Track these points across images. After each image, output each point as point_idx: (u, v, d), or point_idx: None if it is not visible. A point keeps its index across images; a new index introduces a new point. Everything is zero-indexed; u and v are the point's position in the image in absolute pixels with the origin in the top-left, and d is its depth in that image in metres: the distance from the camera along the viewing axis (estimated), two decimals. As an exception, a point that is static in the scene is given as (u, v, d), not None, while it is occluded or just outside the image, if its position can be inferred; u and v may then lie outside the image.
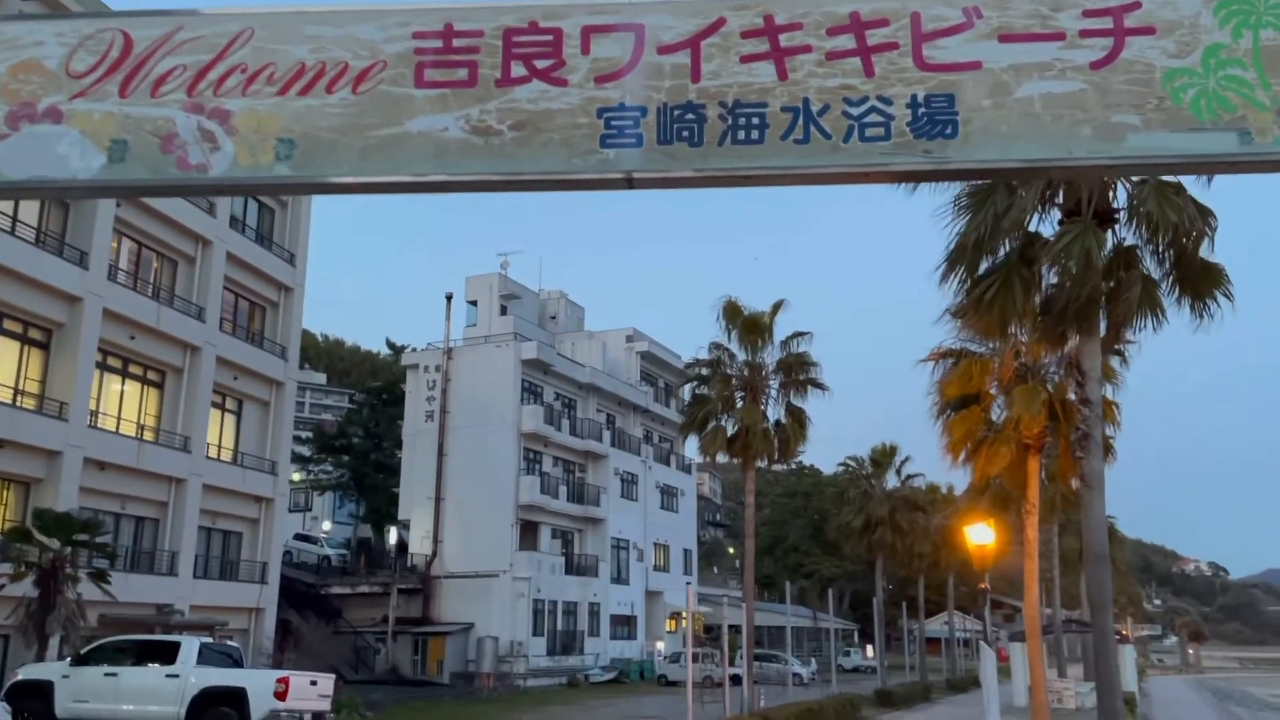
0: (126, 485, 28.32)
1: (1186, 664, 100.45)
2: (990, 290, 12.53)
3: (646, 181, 3.43)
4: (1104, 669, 12.66)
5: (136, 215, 29.14)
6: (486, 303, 51.80)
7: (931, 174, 3.37)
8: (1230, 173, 3.34)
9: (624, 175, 3.42)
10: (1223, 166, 3.29)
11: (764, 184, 3.43)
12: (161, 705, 17.88)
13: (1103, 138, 3.23)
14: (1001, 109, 3.28)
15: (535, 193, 3.60)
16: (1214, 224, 12.25)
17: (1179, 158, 3.22)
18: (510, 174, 3.45)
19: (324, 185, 3.57)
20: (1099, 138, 3.23)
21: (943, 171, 3.31)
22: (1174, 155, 3.21)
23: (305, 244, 36.67)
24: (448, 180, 3.50)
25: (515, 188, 3.53)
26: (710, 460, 30.78)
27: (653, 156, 3.39)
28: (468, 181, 3.50)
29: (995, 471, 21.86)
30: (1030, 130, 3.26)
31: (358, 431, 57.03)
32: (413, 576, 44.47)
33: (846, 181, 3.42)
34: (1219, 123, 3.20)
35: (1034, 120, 3.27)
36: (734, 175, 3.39)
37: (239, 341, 33.24)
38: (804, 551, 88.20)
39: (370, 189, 3.56)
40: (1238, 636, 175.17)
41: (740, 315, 28.43)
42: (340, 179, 3.51)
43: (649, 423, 58.90)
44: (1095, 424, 12.87)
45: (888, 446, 45.87)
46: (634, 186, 3.46)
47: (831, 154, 3.33)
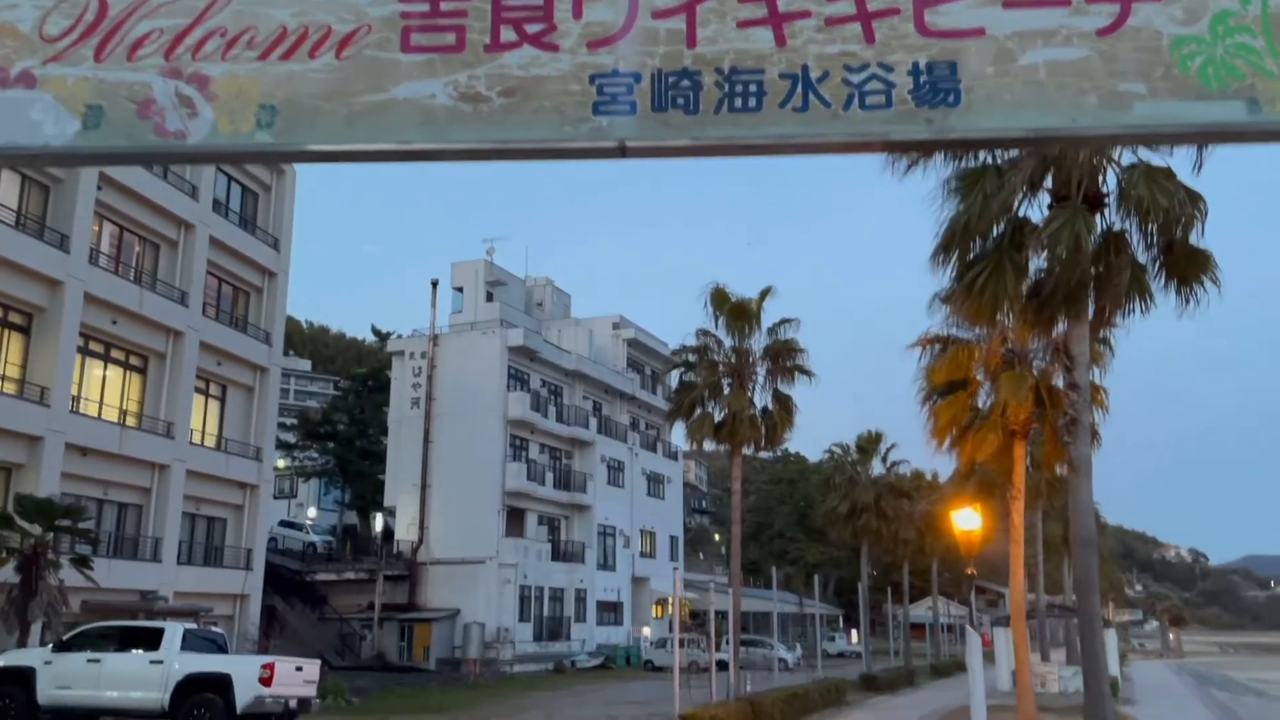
0: (109, 471, 28.09)
1: (1167, 649, 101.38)
2: (982, 275, 12.49)
3: (641, 150, 3.33)
4: (1090, 652, 12.69)
5: (118, 198, 28.83)
6: (472, 289, 51.58)
7: (934, 143, 3.28)
8: (1238, 142, 3.26)
9: (617, 144, 3.31)
10: (1231, 136, 3.21)
11: (762, 153, 3.33)
12: (145, 691, 17.76)
13: (1109, 106, 3.14)
14: (1005, 77, 3.19)
15: (526, 162, 3.49)
16: (1204, 209, 12.23)
17: (1186, 127, 3.14)
18: (500, 142, 3.34)
19: (307, 154, 3.44)
20: (1105, 106, 3.15)
21: (945, 141, 3.22)
22: (1181, 124, 3.13)
23: (289, 228, 36.37)
24: (435, 149, 3.38)
25: (505, 157, 3.42)
26: (697, 447, 30.82)
27: (647, 124, 3.28)
28: (456, 150, 3.39)
29: (982, 457, 21.94)
30: (1034, 98, 3.17)
31: (343, 418, 56.77)
32: (399, 563, 44.39)
33: (846, 151, 3.33)
34: (1227, 91, 3.12)
35: (1038, 88, 3.18)
36: (731, 144, 3.28)
37: (222, 326, 32.97)
38: (789, 538, 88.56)
39: (355, 157, 3.44)
40: (1217, 621, 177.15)
41: (727, 301, 28.38)
42: (323, 147, 3.39)
43: (636, 410, 58.88)
44: (1083, 409, 12.87)
45: (873, 433, 46.06)
46: (628, 155, 3.35)
47: (831, 122, 3.23)
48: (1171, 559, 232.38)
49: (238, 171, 34.39)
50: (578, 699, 30.30)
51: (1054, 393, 20.82)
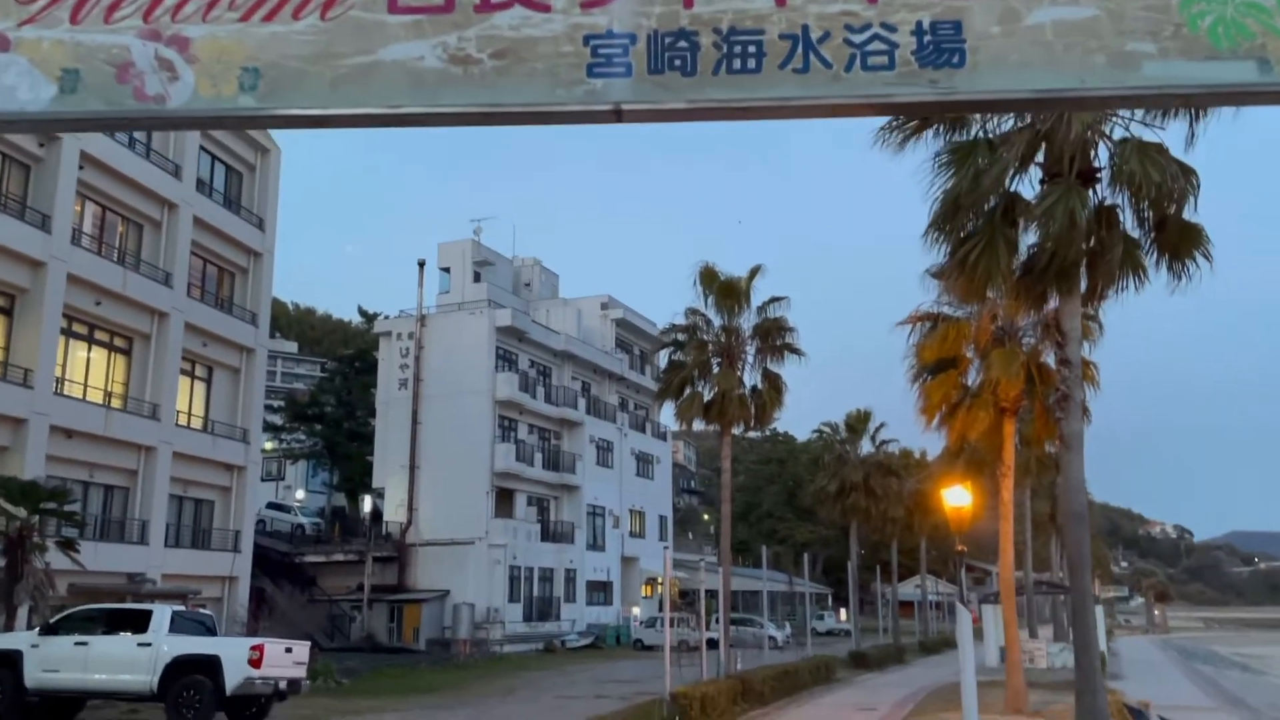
0: (94, 453, 27.89)
1: (1152, 624, 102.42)
2: (974, 251, 12.43)
3: (636, 114, 3.23)
4: (1081, 627, 12.74)
5: (100, 178, 28.50)
6: (460, 270, 51.30)
7: (937, 105, 3.19)
8: (1249, 104, 3.19)
9: (612, 107, 3.22)
10: (1241, 97, 3.14)
11: (761, 116, 3.24)
12: (133, 674, 17.66)
13: (1117, 66, 3.07)
14: (1011, 37, 3.11)
15: (517, 126, 3.39)
16: (1196, 184, 12.19)
17: (1196, 87, 3.07)
18: (491, 106, 3.24)
19: (291, 118, 3.34)
20: (1113, 66, 3.07)
21: (949, 103, 3.13)
22: (1191, 85, 3.06)
23: (274, 209, 36.04)
24: (424, 112, 3.28)
25: (497, 121, 3.32)
26: (686, 427, 30.77)
27: (643, 87, 3.19)
28: (446, 114, 3.29)
29: (974, 435, 21.99)
30: (1041, 59, 3.09)
31: (330, 400, 56.56)
32: (388, 544, 44.34)
33: (848, 114, 3.24)
34: (1237, 51, 3.04)
35: (1045, 49, 3.10)
36: (729, 106, 3.19)
37: (208, 308, 32.70)
38: (778, 517, 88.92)
39: (341, 122, 3.34)
40: (1202, 597, 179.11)
41: (717, 280, 28.26)
42: (308, 111, 3.29)
43: (624, 390, 58.82)
44: (1075, 385, 12.86)
45: (862, 412, 46.14)
46: (623, 120, 3.26)
47: (832, 84, 3.14)
48: (1157, 535, 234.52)
49: (221, 151, 34.04)
50: (568, 678, 30.38)
51: (1044, 370, 20.86)
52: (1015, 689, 21.58)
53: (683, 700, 18.74)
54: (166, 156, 30.90)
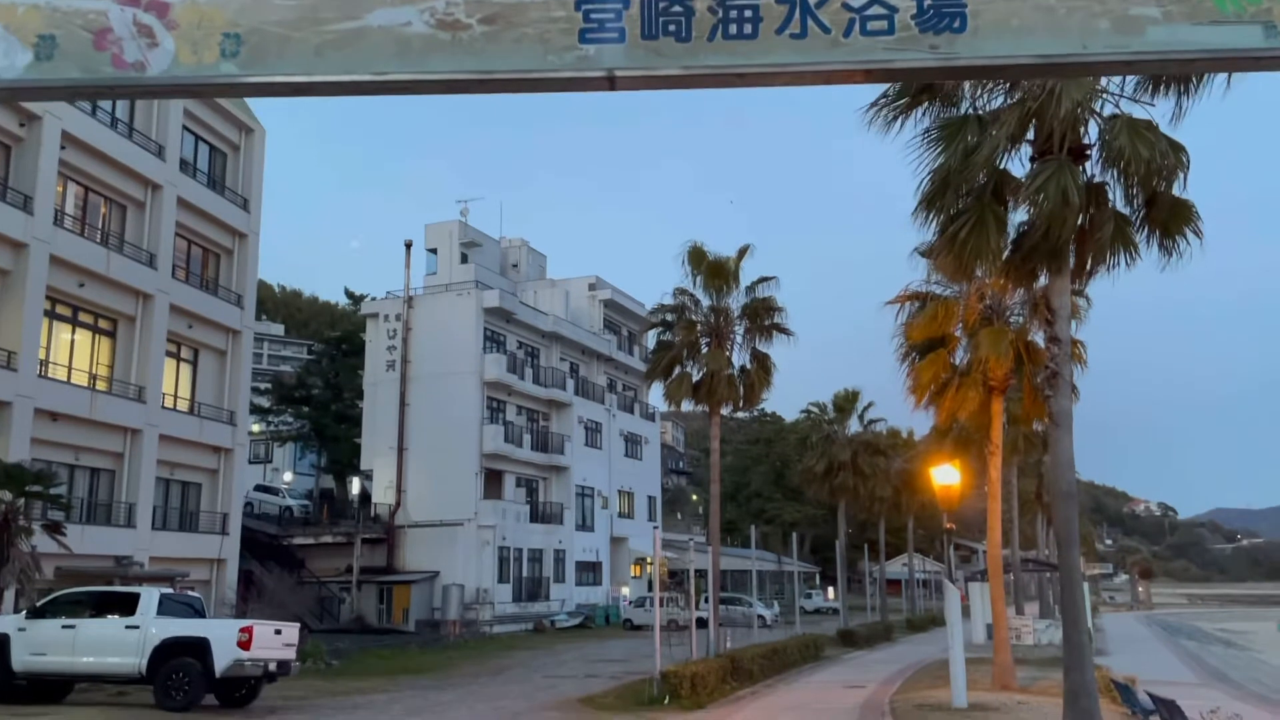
0: (80, 436, 27.70)
1: (1137, 601, 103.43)
2: (964, 228, 12.37)
3: (630, 81, 3.16)
4: (1070, 603, 12.79)
5: (82, 158, 28.17)
6: (447, 251, 51.03)
7: (937, 71, 3.12)
8: (1254, 69, 3.13)
9: (605, 74, 3.14)
10: (1247, 63, 3.08)
11: (757, 83, 3.17)
12: (122, 657, 17.61)
13: (1121, 31, 3.00)
14: (1013, 1, 3.04)
15: (507, 94, 3.31)
16: (1186, 160, 12.16)
17: (1201, 52, 3.01)
18: (480, 73, 3.16)
19: (274, 85, 3.25)
20: (1117, 31, 3.01)
21: (949, 68, 3.07)
22: (1195, 49, 3.00)
23: (259, 189, 35.73)
24: (412, 80, 3.19)
25: (486, 88, 3.24)
26: (675, 407, 30.70)
27: (636, 53, 3.11)
28: (434, 81, 3.20)
29: (964, 415, 22.03)
30: (1043, 24, 3.03)
31: (317, 382, 56.25)
32: (376, 526, 44.28)
33: (845, 80, 3.17)
34: (1243, 15, 2.98)
35: (1047, 13, 3.03)
36: (725, 73, 3.12)
37: (193, 289, 32.44)
38: (766, 497, 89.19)
39: (326, 90, 3.25)
40: (1185, 574, 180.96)
41: (705, 260, 28.18)
42: (292, 78, 3.20)
43: (613, 371, 58.77)
44: (1064, 362, 12.85)
45: (850, 392, 46.21)
46: (616, 87, 3.18)
47: (830, 49, 3.07)
48: (1141, 513, 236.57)
49: (205, 131, 33.69)
50: (557, 658, 30.46)
51: (1032, 348, 20.90)
52: (1002, 666, 21.73)
53: (673, 679, 18.81)
54: (149, 136, 30.56)
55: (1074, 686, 12.44)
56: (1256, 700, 24.25)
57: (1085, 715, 12.26)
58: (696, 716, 17.27)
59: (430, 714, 17.74)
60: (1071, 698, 12.46)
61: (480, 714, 17.64)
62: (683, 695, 18.52)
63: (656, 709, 17.88)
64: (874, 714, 17.36)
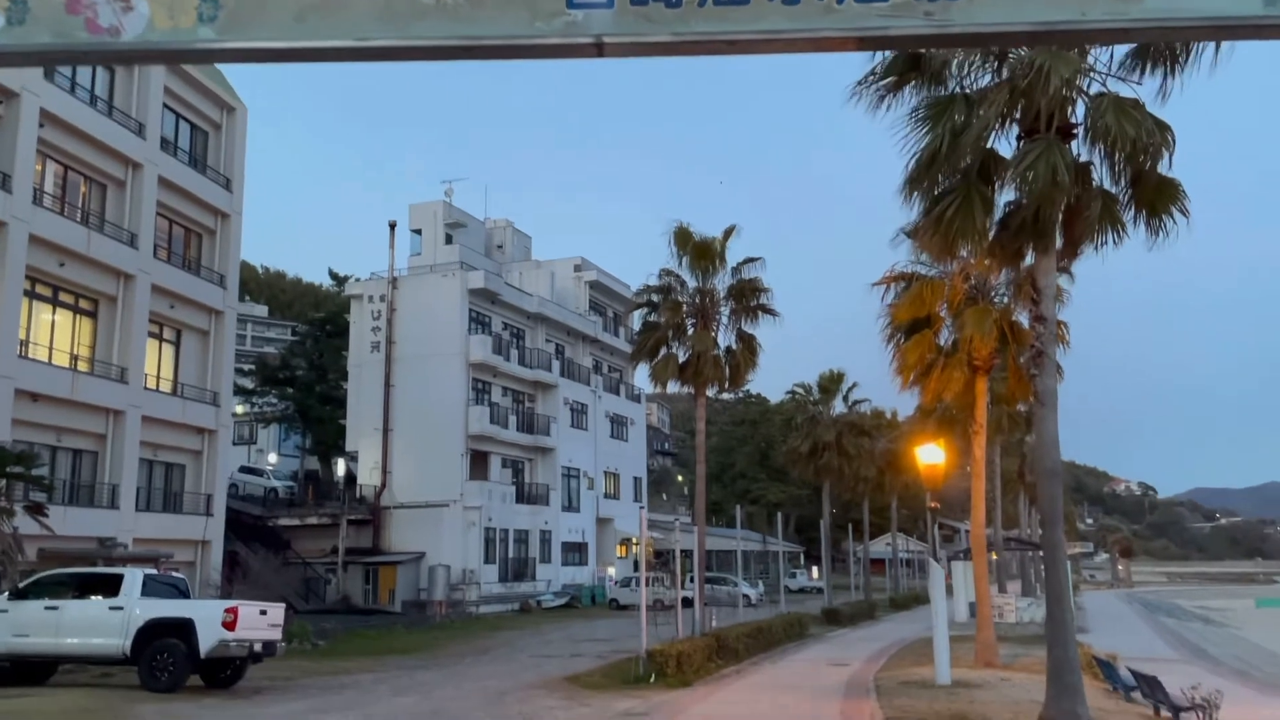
0: (62, 417, 27.48)
1: (1117, 579, 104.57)
2: (950, 207, 12.35)
3: (619, 47, 3.09)
4: (1053, 581, 12.87)
5: (61, 136, 27.82)
6: (431, 231, 50.76)
7: (932, 38, 3.06)
8: (1255, 38, 3.08)
9: (593, 40, 3.07)
10: (1247, 30, 3.02)
11: (748, 50, 3.11)
12: (106, 638, 17.53)
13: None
14: (1010, -34, 2.99)
15: (493, 60, 3.23)
16: (1172, 139, 12.15)
17: (1200, 19, 2.96)
18: (466, 39, 3.08)
19: (253, 52, 3.16)
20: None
21: (944, 36, 3.01)
22: (1195, 16, 2.95)
23: (241, 168, 35.37)
24: (395, 46, 3.11)
25: (472, 55, 3.16)
26: (661, 388, 30.68)
27: (625, 19, 3.04)
28: (418, 47, 3.12)
29: (949, 395, 22.09)
30: (1041, -11, 2.97)
31: (301, 363, 55.93)
32: (362, 507, 44.20)
33: (838, 48, 3.11)
34: (1243, -18, 2.94)
35: (1045, -21, 2.98)
36: (715, 40, 3.05)
37: (175, 269, 32.14)
38: (751, 478, 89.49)
39: (307, 55, 3.16)
40: (1165, 552, 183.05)
41: (691, 241, 28.10)
42: (272, 44, 3.11)
43: (598, 352, 58.70)
44: (1049, 341, 12.88)
45: (835, 373, 46.33)
46: (604, 53, 3.11)
47: (824, 16, 3.01)
48: (1121, 493, 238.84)
49: (185, 109, 33.30)
50: (543, 638, 30.53)
51: (1016, 328, 20.97)
52: (985, 643, 21.90)
53: (659, 658, 18.88)
54: (129, 114, 30.19)
55: (1057, 662, 12.54)
56: (1235, 676, 24.56)
57: (1069, 691, 12.36)
58: (682, 694, 17.33)
59: (416, 693, 17.75)
60: (1055, 674, 12.56)
61: (467, 693, 17.66)
62: (668, 674, 18.59)
63: (642, 687, 17.94)
64: (859, 691, 17.47)
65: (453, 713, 15.35)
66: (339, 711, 15.51)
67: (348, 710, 15.69)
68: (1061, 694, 12.39)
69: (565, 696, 17.12)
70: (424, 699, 17.00)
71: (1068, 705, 12.25)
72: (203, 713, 15.32)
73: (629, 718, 14.78)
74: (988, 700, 15.58)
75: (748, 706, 16.01)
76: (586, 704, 16.16)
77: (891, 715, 13.82)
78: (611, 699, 16.69)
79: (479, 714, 15.21)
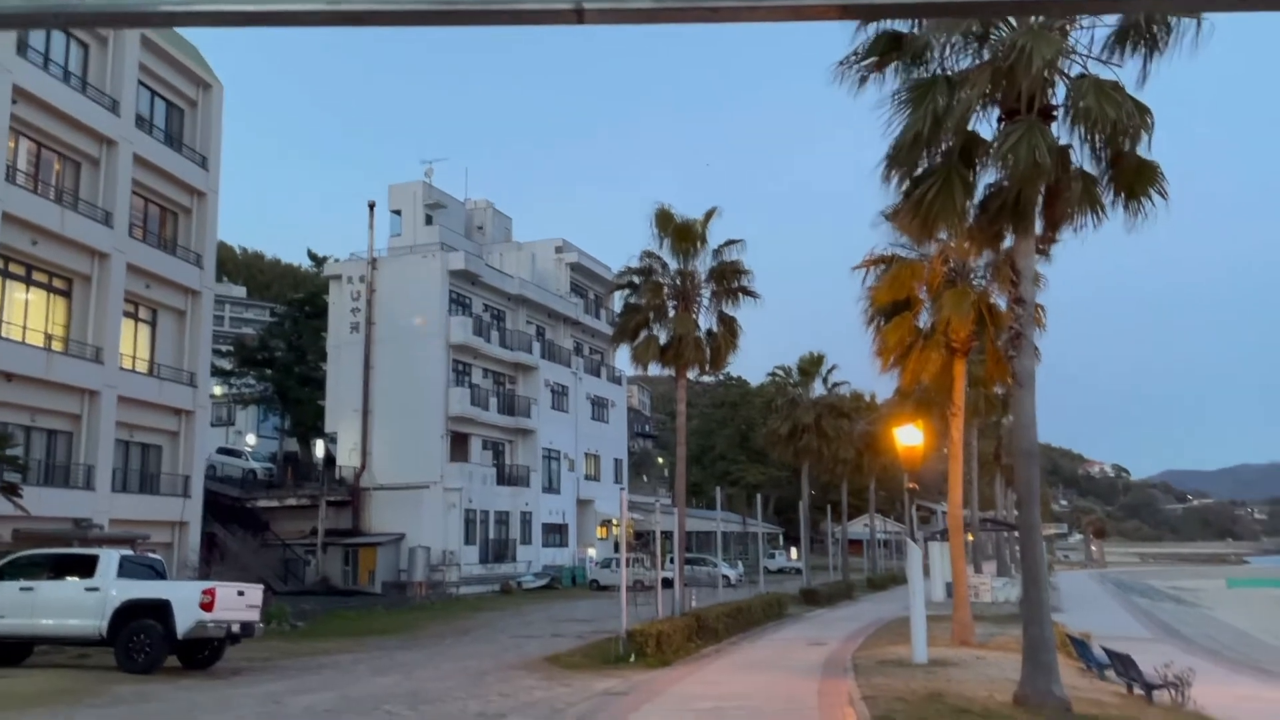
0: (36, 397, 27.20)
1: (1091, 559, 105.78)
2: (931, 190, 12.36)
3: (598, 14, 3.01)
4: (1030, 561, 12.98)
5: (34, 113, 27.41)
6: (411, 212, 50.41)
7: (917, 8, 3.02)
8: (1253, 10, 3.04)
9: (573, 6, 2.99)
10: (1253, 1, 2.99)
11: (731, 19, 3.04)
12: (82, 619, 17.42)
13: (1104, -33, 2.93)
14: (993, -66, 2.96)
15: (470, 26, 3.16)
16: (1151, 121, 12.20)
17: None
18: (442, 3, 3.01)
19: (220, 15, 3.07)
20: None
21: (930, 4, 2.97)
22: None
23: (218, 147, 34.97)
24: (369, 10, 3.02)
25: (449, 20, 3.09)
26: (642, 370, 30.67)
27: (605, -16, 2.98)
28: (393, 12, 3.04)
29: (927, 377, 22.19)
30: (1026, -42, 2.95)
31: (280, 344, 55.57)
32: (341, 489, 44.06)
33: (820, 17, 3.06)
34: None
35: (1028, -53, 2.95)
36: (697, 8, 2.98)
37: (151, 248, 31.80)
38: (731, 460, 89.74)
39: (278, 19, 3.07)
40: (1138, 533, 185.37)
41: (672, 222, 28.03)
42: (243, 7, 3.01)
43: (579, 334, 58.62)
44: (1028, 323, 12.94)
45: (815, 355, 46.46)
46: (584, 20, 3.04)
47: (806, -17, 2.97)
48: (1095, 474, 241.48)
49: (161, 86, 32.87)
50: (524, 618, 30.59)
51: (994, 310, 21.07)
52: (962, 622, 22.11)
53: (639, 637, 18.95)
54: (104, 91, 29.77)
55: (1033, 641, 12.66)
56: (1207, 654, 24.91)
57: (1044, 669, 12.49)
58: (662, 674, 17.41)
59: (396, 673, 17.75)
60: (1031, 652, 12.68)
61: (447, 673, 17.67)
62: (648, 653, 18.67)
63: (622, 667, 18.01)
64: (837, 670, 17.60)
65: (433, 693, 15.36)
66: (317, 692, 15.49)
67: (326, 690, 15.68)
68: (1036, 672, 12.53)
69: (545, 676, 17.16)
70: (404, 679, 17.01)
71: (1043, 683, 12.39)
72: (180, 694, 15.26)
73: (609, 697, 14.83)
74: (964, 678, 15.74)
75: (727, 686, 16.10)
76: (566, 684, 16.21)
77: (869, 693, 13.93)
78: (591, 679, 16.75)
79: (459, 694, 15.22)
